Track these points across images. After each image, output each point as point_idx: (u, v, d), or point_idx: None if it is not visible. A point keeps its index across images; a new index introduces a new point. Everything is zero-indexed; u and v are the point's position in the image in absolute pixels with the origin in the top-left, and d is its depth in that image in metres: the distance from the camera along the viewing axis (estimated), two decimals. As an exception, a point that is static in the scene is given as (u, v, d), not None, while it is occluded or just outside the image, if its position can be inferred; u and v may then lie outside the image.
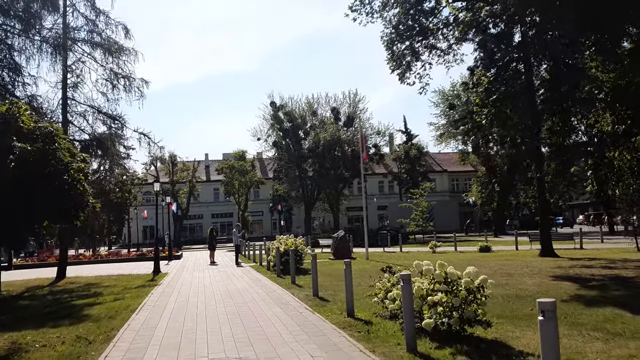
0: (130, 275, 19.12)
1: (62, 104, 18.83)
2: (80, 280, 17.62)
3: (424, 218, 35.64)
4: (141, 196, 53.44)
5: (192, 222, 63.31)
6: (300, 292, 12.13)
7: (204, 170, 65.49)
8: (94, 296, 12.87)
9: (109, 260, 27.22)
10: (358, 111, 56.31)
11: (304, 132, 54.45)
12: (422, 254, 25.31)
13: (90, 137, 18.55)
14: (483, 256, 22.08)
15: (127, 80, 19.72)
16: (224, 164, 49.58)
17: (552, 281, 12.36)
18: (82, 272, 21.79)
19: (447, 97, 55.68)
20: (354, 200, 62.87)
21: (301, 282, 14.23)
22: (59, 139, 10.33)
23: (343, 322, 8.24)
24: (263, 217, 65.69)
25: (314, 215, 57.94)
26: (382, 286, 8.64)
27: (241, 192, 48.90)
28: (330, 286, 12.99)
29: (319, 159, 48.55)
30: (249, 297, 11.33)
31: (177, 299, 11.56)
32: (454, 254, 24.21)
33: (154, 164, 53.44)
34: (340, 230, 23.68)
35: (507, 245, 28.73)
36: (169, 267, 23.19)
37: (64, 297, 13.20)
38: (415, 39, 18.74)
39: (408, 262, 20.37)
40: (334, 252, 23.11)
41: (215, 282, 15.05)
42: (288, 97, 64.37)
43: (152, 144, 19.91)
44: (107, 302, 11.63)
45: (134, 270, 21.95)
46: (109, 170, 22.84)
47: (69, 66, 19.22)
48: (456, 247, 27.31)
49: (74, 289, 15.15)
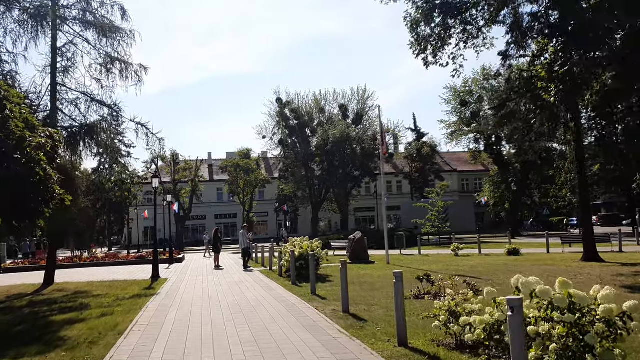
0: (126, 281, 17.11)
1: (51, 90, 16.85)
2: (69, 287, 15.61)
3: (440, 218, 33.51)
4: (142, 196, 51.45)
5: (195, 222, 61.29)
6: (325, 306, 10.08)
7: (207, 169, 63.47)
8: (79, 309, 10.84)
9: (106, 263, 25.23)
10: (367, 108, 54.19)
11: (311, 130, 52.34)
12: (445, 258, 23.27)
13: (78, 124, 16.52)
14: (515, 260, 19.97)
15: (124, 65, 17.74)
16: (228, 162, 47.52)
17: (629, 293, 10.27)
18: (74, 276, 19.80)
19: (458, 93, 53.44)
20: (362, 201, 60.76)
21: (322, 291, 12.19)
22: (9, 103, 8.08)
23: (397, 355, 6.17)
24: (268, 218, 63.65)
25: (320, 216, 55.81)
26: (443, 306, 6.59)
27: (246, 192, 46.81)
28: (360, 298, 10.93)
29: (327, 157, 46.44)
30: (265, 315, 9.28)
31: (177, 315, 9.51)
32: (480, 258, 22.14)
33: (155, 162, 51.45)
34: (357, 232, 21.66)
35: (532, 247, 26.58)
36: (169, 271, 21.19)
37: (43, 310, 11.19)
38: (449, 14, 16.63)
39: (437, 267, 18.20)
40: (350, 254, 21.08)
41: (223, 292, 13.01)
42: (294, 94, 62.32)
43: (151, 135, 17.90)
44: (92, 318, 9.60)
45: (131, 274, 19.97)
46: (108, 168, 21.07)
47: (58, 48, 17.24)
48: (480, 249, 25.18)
49: (59, 298, 13.14)
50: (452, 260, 21.36)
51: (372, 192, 62.32)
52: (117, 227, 68.93)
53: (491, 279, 13.36)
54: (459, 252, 23.96)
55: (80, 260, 25.99)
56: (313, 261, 12.15)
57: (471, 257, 22.90)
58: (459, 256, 23.27)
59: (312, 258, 12.21)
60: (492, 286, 12.05)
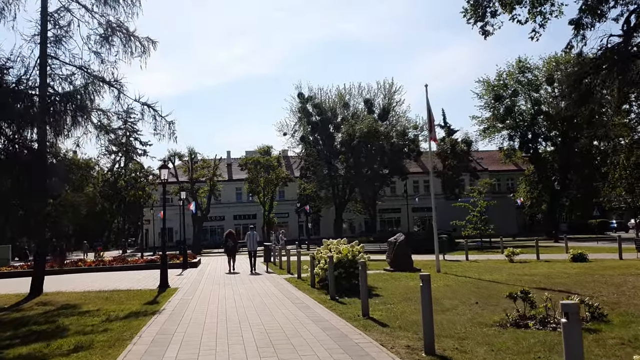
0: (129, 291, 14.28)
1: (40, 62, 14.15)
2: (58, 300, 12.82)
3: (482, 220, 30.09)
4: (157, 196, 49.04)
5: (213, 224, 58.69)
6: (392, 338, 6.99)
7: (226, 169, 60.85)
8: (51, 337, 7.96)
9: (112, 268, 22.50)
10: (394, 103, 50.95)
11: (334, 126, 49.33)
12: (499, 264, 19.94)
13: (54, 92, 13.70)
14: (589, 269, 16.43)
15: (127, 36, 14.97)
16: (248, 159, 44.69)
17: None
18: (72, 284, 17.09)
19: (492, 87, 49.83)
20: (388, 202, 57.44)
21: (376, 312, 9.14)
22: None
23: None
24: (289, 219, 60.69)
25: (343, 217, 52.66)
26: None
27: (267, 191, 43.91)
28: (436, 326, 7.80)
29: (353, 153, 43.26)
30: (308, 354, 6.24)
31: (180, 354, 6.52)
32: (543, 265, 18.80)
33: (171, 160, 48.98)
34: (398, 233, 18.53)
35: (594, 252, 23.03)
36: (182, 278, 18.36)
37: (4, 335, 8.34)
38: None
39: (501, 277, 13.98)
40: (392, 261, 17.92)
41: (244, 310, 10.04)
42: (317, 88, 59.42)
43: (159, 117, 15.04)
44: (57, 355, 6.70)
45: (137, 282, 17.19)
46: (123, 167, 18.47)
47: (50, 14, 14.56)
48: (539, 255, 21.74)
49: (37, 316, 10.33)
50: (512, 267, 18.06)
51: (398, 192, 59.00)
52: (131, 229, 66.78)
53: (594, 295, 10.12)
54: (514, 257, 20.63)
55: (85, 264, 23.32)
56: (364, 272, 9.03)
57: (530, 263, 19.57)
58: (514, 262, 19.99)
59: (363, 268, 9.09)
60: (610, 308, 8.87)
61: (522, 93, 50.04)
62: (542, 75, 48.88)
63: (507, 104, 49.20)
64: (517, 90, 49.42)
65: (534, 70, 49.53)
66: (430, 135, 16.83)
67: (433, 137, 16.82)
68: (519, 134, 50.13)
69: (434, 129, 17.03)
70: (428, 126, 16.68)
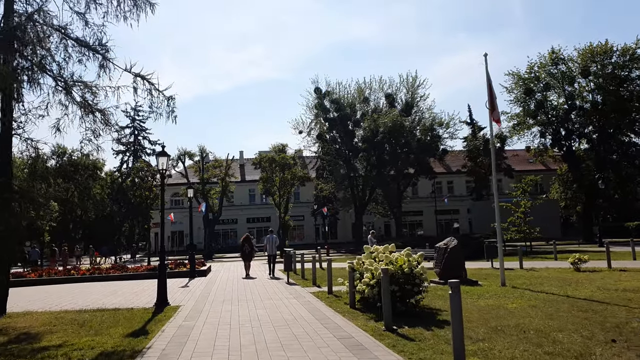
0: (117, 311, 11.17)
1: (4, 21, 11.15)
2: (18, 325, 9.73)
3: (527, 222, 26.58)
4: (167, 197, 46.26)
5: (225, 227, 55.81)
6: None
7: (239, 169, 57.94)
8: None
9: (108, 277, 19.42)
10: (418, 97, 47.46)
11: (353, 123, 46.04)
12: (564, 273, 16.56)
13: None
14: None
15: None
16: (262, 156, 41.61)
17: None
18: (52, 298, 14.10)
19: (523, 80, 46.23)
20: (411, 204, 53.94)
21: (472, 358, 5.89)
22: None
23: None
24: (304, 222, 57.58)
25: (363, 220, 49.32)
26: None
27: (282, 192, 40.78)
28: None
29: (376, 151, 39.88)
30: None
31: None
32: (618, 274, 15.37)
33: (181, 159, 46.17)
34: (449, 237, 15.21)
35: None
36: (187, 290, 15.24)
37: None
38: None
39: (590, 292, 10.43)
40: (441, 271, 14.57)
41: (267, 353, 6.84)
42: (335, 83, 56.29)
43: (155, 92, 11.91)
44: None
45: (132, 296, 14.14)
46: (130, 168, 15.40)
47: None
48: (610, 262, 18.19)
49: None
50: (587, 278, 14.61)
51: (420, 193, 55.51)
52: (142, 232, 64.06)
53: None
54: (580, 265, 17.20)
55: (78, 272, 20.31)
56: (456, 296, 5.66)
57: (603, 272, 16.14)
58: (582, 271, 16.58)
59: (455, 290, 5.70)
60: None
61: (554, 87, 46.48)
62: (576, 68, 45.25)
63: (538, 98, 45.66)
64: (550, 83, 45.87)
65: (568, 61, 45.84)
66: (492, 116, 13.55)
67: (495, 117, 13.50)
68: (551, 131, 46.62)
69: (497, 107, 13.67)
70: (489, 105, 13.37)
